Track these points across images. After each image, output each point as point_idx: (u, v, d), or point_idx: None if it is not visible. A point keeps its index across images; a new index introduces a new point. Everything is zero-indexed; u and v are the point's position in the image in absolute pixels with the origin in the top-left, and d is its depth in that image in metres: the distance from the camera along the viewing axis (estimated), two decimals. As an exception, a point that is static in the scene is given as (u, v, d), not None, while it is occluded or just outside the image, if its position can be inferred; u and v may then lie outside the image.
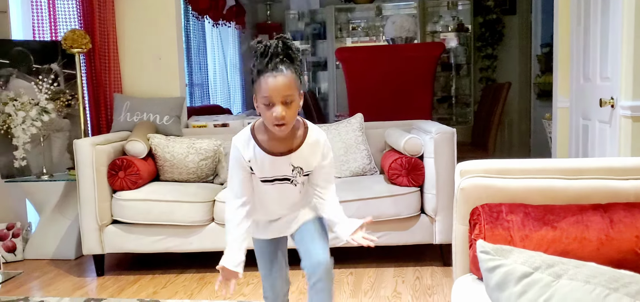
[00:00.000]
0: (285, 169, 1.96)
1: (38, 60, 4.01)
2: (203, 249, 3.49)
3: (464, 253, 1.87)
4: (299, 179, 1.99)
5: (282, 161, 1.95)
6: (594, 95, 3.28)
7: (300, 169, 1.97)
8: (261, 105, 1.85)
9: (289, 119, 1.84)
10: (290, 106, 1.83)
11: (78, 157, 3.42)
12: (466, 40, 7.43)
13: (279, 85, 1.80)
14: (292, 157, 1.95)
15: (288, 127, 1.86)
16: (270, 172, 1.96)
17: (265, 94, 1.82)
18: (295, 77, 1.84)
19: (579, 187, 1.78)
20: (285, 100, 1.82)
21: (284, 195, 2.01)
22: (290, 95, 1.82)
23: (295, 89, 1.84)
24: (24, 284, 3.47)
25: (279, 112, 1.81)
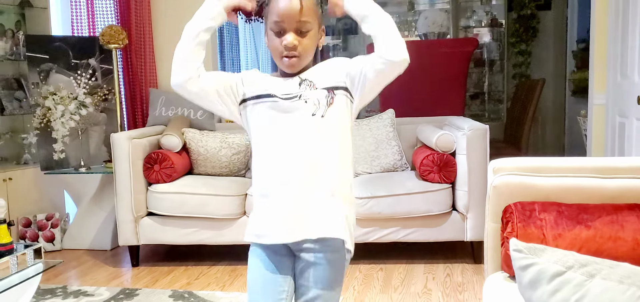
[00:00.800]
0: (291, 85, 1.51)
1: (76, 56, 4.12)
2: (235, 242, 3.54)
3: (496, 251, 1.86)
4: (311, 94, 1.48)
5: (287, 79, 1.53)
6: (631, 93, 3.23)
7: (310, 83, 1.49)
8: (270, 33, 1.50)
9: (302, 52, 1.48)
10: (304, 36, 1.48)
11: (115, 151, 3.51)
12: (499, 35, 7.34)
13: (295, 8, 1.45)
14: (300, 75, 1.52)
15: (301, 62, 1.50)
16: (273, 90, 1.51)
17: (276, 18, 1.47)
18: (314, 4, 1.49)
19: (614, 186, 1.76)
20: (301, 28, 1.47)
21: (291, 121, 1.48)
22: (307, 22, 1.47)
23: (313, 17, 1.48)
24: (62, 273, 3.58)
25: (290, 40, 1.46)
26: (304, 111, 1.48)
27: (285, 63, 1.50)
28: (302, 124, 1.48)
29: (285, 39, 1.47)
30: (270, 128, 1.51)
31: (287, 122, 1.49)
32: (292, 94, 1.49)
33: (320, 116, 1.48)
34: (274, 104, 1.50)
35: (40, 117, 3.92)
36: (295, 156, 1.48)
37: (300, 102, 1.48)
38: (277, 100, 1.50)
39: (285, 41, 1.47)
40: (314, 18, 1.49)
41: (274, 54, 1.52)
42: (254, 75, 1.59)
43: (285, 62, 1.50)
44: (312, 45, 1.51)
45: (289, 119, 1.49)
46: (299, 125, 1.48)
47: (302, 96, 1.48)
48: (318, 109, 1.48)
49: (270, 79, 1.55)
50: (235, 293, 3.12)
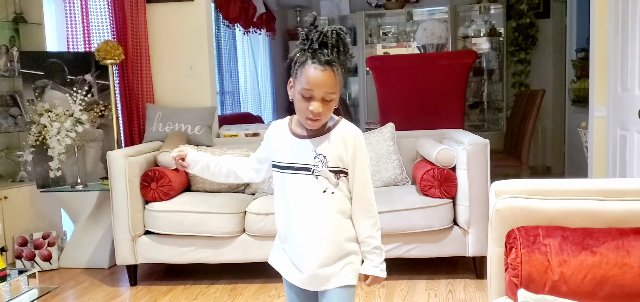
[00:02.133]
0: (306, 155, 1.72)
1: (72, 72, 4.09)
2: (234, 261, 3.50)
3: (500, 275, 1.82)
4: (322, 171, 1.70)
5: (304, 143, 1.73)
6: (632, 106, 3.19)
7: (323, 158, 1.70)
8: (298, 94, 1.68)
9: (324, 116, 1.68)
10: (328, 104, 1.67)
11: (111, 169, 3.47)
12: (498, 44, 7.32)
13: (323, 80, 1.63)
14: (315, 141, 1.72)
15: (320, 124, 1.70)
16: (291, 157, 1.74)
17: (306, 86, 1.64)
18: (342, 75, 1.68)
19: (619, 209, 1.72)
20: (326, 98, 1.65)
21: (304, 194, 1.73)
22: (332, 93, 1.66)
23: (338, 88, 1.68)
24: (59, 294, 3.53)
25: (316, 107, 1.64)
26: (315, 187, 1.72)
27: (309, 124, 1.70)
28: (314, 198, 1.72)
29: (312, 104, 1.65)
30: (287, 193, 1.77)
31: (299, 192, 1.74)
32: (305, 165, 1.72)
33: (330, 193, 1.72)
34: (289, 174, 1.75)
35: (35, 135, 3.89)
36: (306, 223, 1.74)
37: (312, 178, 1.71)
38: (292, 172, 1.74)
39: (312, 107, 1.65)
40: (337, 88, 1.68)
41: (299, 112, 1.71)
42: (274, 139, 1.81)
43: (309, 123, 1.70)
44: (332, 109, 1.71)
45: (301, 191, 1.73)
46: (310, 198, 1.72)
47: (314, 172, 1.71)
48: (328, 187, 1.72)
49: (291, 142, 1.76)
50: (234, 313, 3.08)
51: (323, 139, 1.72)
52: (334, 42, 1.64)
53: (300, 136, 1.74)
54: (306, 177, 1.72)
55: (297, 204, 1.74)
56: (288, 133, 1.77)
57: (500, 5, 7.18)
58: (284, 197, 1.78)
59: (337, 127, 1.74)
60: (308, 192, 1.72)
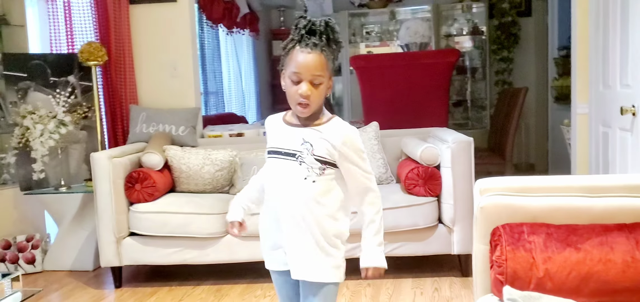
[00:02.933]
0: (294, 141, 1.76)
1: (55, 73, 4.04)
2: (220, 261, 3.49)
3: (485, 273, 1.84)
4: (307, 159, 1.74)
5: (294, 131, 1.78)
6: (614, 103, 3.23)
7: (309, 145, 1.74)
8: (288, 80, 1.74)
9: (313, 101, 1.72)
10: (317, 88, 1.72)
11: (95, 171, 3.44)
12: (481, 43, 7.37)
13: (311, 62, 1.69)
14: (304, 130, 1.77)
15: (311, 109, 1.74)
16: (280, 143, 1.79)
17: (294, 69, 1.70)
18: (328, 61, 1.73)
19: (603, 206, 1.75)
20: (314, 81, 1.71)
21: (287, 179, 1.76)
22: (319, 75, 1.71)
23: (326, 72, 1.73)
24: (43, 297, 3.49)
25: (304, 90, 1.70)
26: (297, 173, 1.75)
27: (298, 110, 1.74)
28: (295, 183, 1.75)
29: (300, 87, 1.71)
30: (272, 177, 1.81)
31: (283, 177, 1.77)
32: (291, 150, 1.76)
33: (311, 181, 1.74)
34: (277, 159, 1.79)
35: (18, 137, 3.84)
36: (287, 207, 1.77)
37: (296, 163, 1.75)
38: (280, 157, 1.78)
39: (300, 90, 1.71)
40: (325, 72, 1.73)
41: (289, 98, 1.75)
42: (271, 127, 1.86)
43: (299, 109, 1.74)
44: (322, 95, 1.75)
45: (284, 176, 1.77)
46: (291, 184, 1.76)
47: (299, 157, 1.75)
48: (309, 175, 1.74)
49: (280, 129, 1.81)
50: (221, 314, 3.07)
51: (313, 129, 1.77)
52: (322, 29, 1.71)
53: (292, 125, 1.80)
54: (291, 162, 1.76)
55: (280, 188, 1.78)
56: (281, 123, 1.83)
57: (483, 4, 7.23)
58: (269, 181, 1.83)
59: (329, 123, 1.78)
60: (291, 177, 1.76)
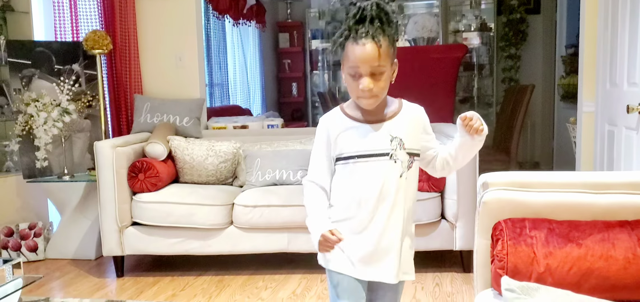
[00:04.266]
0: (382, 141, 1.65)
1: (60, 61, 4.04)
2: (222, 252, 3.49)
3: (486, 267, 1.83)
4: (400, 156, 1.65)
5: (377, 129, 1.66)
6: (620, 101, 3.21)
7: (400, 141, 1.65)
8: (347, 75, 1.64)
9: (377, 92, 1.61)
10: (379, 78, 1.60)
11: (98, 160, 3.44)
12: (489, 39, 7.33)
13: (368, 55, 1.58)
14: (388, 125, 1.66)
15: (376, 101, 1.64)
16: (365, 145, 1.66)
17: (351, 64, 1.61)
18: (388, 46, 1.60)
19: (605, 202, 1.73)
20: (374, 72, 1.60)
21: (384, 180, 1.64)
22: (380, 66, 1.59)
23: (387, 59, 1.61)
24: (45, 284, 3.50)
25: (365, 84, 1.59)
26: (394, 171, 1.65)
27: (363, 103, 1.65)
28: (391, 182, 1.65)
29: (361, 83, 1.60)
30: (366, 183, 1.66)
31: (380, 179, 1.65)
32: (383, 151, 1.65)
33: (405, 178, 1.67)
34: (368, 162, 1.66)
35: (22, 124, 3.84)
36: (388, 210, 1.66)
37: (390, 162, 1.65)
38: (367, 160, 1.65)
39: (361, 85, 1.60)
40: (386, 60, 1.61)
41: (351, 93, 1.67)
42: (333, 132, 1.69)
43: (363, 102, 1.64)
44: (386, 85, 1.64)
45: (382, 178, 1.65)
46: (390, 185, 1.65)
47: (393, 156, 1.65)
48: (404, 171, 1.67)
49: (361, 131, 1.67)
50: (222, 305, 3.07)
51: (395, 121, 1.67)
52: (374, 14, 1.60)
53: (371, 122, 1.67)
54: (385, 162, 1.65)
55: (374, 192, 1.64)
56: (351, 122, 1.69)
57: (491, 1, 7.18)
58: (354, 188, 1.67)
59: (404, 108, 1.71)
60: (386, 177, 1.64)
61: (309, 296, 3.18)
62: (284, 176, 3.63)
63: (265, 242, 3.45)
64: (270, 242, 3.45)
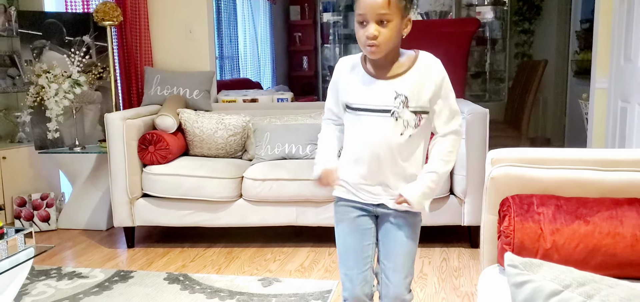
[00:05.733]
0: (386, 97, 1.65)
1: (70, 33, 4.05)
2: (231, 225, 3.51)
3: (493, 243, 1.83)
4: (403, 114, 1.64)
5: (383, 85, 1.66)
6: (634, 77, 3.17)
7: (405, 99, 1.64)
8: (357, 24, 1.65)
9: (382, 41, 1.60)
10: (386, 26, 1.59)
11: (109, 131, 3.46)
12: (502, 14, 7.24)
13: (375, 2, 1.58)
14: (395, 83, 1.65)
15: (381, 51, 1.63)
16: (368, 99, 1.67)
17: (359, 11, 1.61)
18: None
19: (614, 179, 1.71)
20: (381, 19, 1.59)
21: (382, 137, 1.67)
22: (386, 14, 1.58)
23: (396, 10, 1.59)
24: (57, 254, 3.55)
25: (371, 31, 1.59)
26: (394, 129, 1.66)
27: (368, 51, 1.64)
28: (391, 138, 1.66)
29: (367, 29, 1.61)
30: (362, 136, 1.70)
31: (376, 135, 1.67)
32: (386, 107, 1.65)
33: (408, 136, 1.67)
34: (367, 116, 1.68)
35: (33, 96, 3.87)
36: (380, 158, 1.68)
37: (391, 120, 1.66)
38: (372, 114, 1.67)
39: (367, 32, 1.61)
40: (394, 10, 1.60)
41: (359, 42, 1.66)
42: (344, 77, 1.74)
43: (368, 50, 1.63)
44: (392, 35, 1.62)
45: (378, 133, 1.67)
46: (387, 139, 1.67)
47: (394, 113, 1.65)
48: (406, 130, 1.66)
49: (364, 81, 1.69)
50: (231, 276, 3.10)
51: (403, 79, 1.66)
52: None
53: (379, 77, 1.68)
54: (385, 118, 1.66)
55: (375, 146, 1.68)
56: (362, 72, 1.71)
57: (505, -26, 7.08)
58: (358, 140, 1.71)
59: (417, 64, 1.67)
60: (387, 134, 1.66)
61: (317, 268, 3.20)
62: (293, 150, 3.64)
63: (273, 216, 3.47)
64: (278, 216, 3.46)
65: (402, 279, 1.77)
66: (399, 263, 1.77)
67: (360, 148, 1.71)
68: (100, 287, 2.98)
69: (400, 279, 1.77)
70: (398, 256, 1.77)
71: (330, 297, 2.80)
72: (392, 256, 1.78)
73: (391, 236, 1.77)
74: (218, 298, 2.81)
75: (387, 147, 1.67)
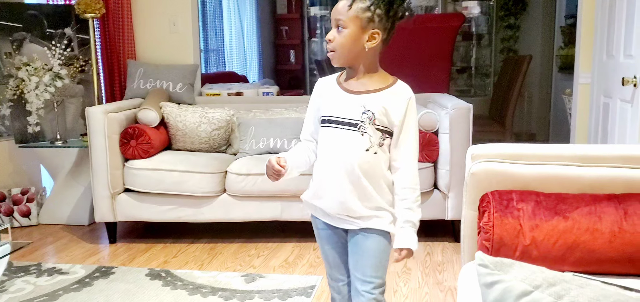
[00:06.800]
0: (353, 111, 1.67)
1: (51, 25, 3.99)
2: (214, 220, 3.49)
3: (473, 239, 1.82)
4: (369, 129, 1.65)
5: (353, 98, 1.68)
6: (616, 73, 3.18)
7: (372, 115, 1.65)
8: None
9: (337, 46, 1.64)
10: (340, 33, 1.63)
11: (90, 125, 3.42)
12: (489, 9, 7.25)
13: (338, 7, 1.65)
14: (365, 98, 1.67)
15: (336, 57, 1.66)
16: (339, 111, 1.69)
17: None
18: (362, 10, 1.61)
19: (593, 175, 1.72)
20: (338, 25, 1.64)
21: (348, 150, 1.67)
22: (341, 20, 1.62)
23: (353, 17, 1.61)
24: (38, 250, 3.51)
25: (328, 35, 1.66)
26: (359, 144, 1.66)
27: (328, 55, 1.70)
28: (356, 154, 1.66)
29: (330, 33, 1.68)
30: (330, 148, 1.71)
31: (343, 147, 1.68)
32: (353, 120, 1.66)
33: (373, 153, 1.67)
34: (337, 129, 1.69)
35: (13, 89, 3.81)
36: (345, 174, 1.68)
37: (358, 134, 1.66)
38: (339, 127, 1.68)
39: (328, 35, 1.68)
40: (352, 19, 1.62)
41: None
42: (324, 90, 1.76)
43: (328, 55, 1.70)
44: (346, 44, 1.64)
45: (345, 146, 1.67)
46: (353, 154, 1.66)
47: (361, 128, 1.66)
48: (371, 147, 1.67)
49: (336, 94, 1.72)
50: (214, 272, 3.08)
51: (374, 96, 1.67)
52: None
53: (351, 92, 1.70)
54: (352, 132, 1.67)
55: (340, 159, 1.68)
56: (337, 87, 1.73)
57: (491, -31, 7.09)
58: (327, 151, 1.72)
59: (391, 88, 1.69)
60: (352, 147, 1.67)
61: (301, 263, 3.19)
62: (279, 144, 3.62)
63: (258, 211, 3.45)
64: (263, 211, 3.45)
65: (371, 289, 1.73)
66: (368, 274, 1.72)
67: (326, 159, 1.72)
68: (80, 284, 2.95)
69: (369, 289, 1.72)
70: (366, 267, 1.72)
71: (314, 292, 2.79)
72: (360, 267, 1.74)
73: (359, 247, 1.74)
74: (200, 294, 2.79)
75: (350, 162, 1.66)
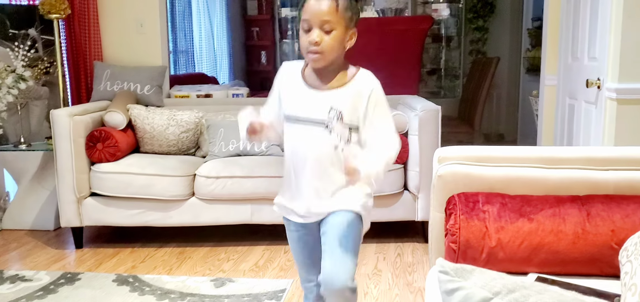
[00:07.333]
0: (320, 110, 1.66)
1: (14, 26, 3.90)
2: (183, 224, 3.45)
3: (440, 241, 1.83)
4: (336, 127, 1.65)
5: (319, 96, 1.67)
6: (581, 75, 3.24)
7: (339, 114, 1.64)
8: (301, 31, 1.65)
9: (325, 49, 1.61)
10: (329, 34, 1.61)
11: (55, 128, 3.35)
12: (458, 11, 7.33)
13: (322, 8, 1.59)
14: (331, 96, 1.66)
15: (324, 59, 1.63)
16: (304, 109, 1.68)
17: (305, 16, 1.62)
18: (345, 9, 1.61)
19: (558, 177, 1.74)
20: (324, 27, 1.60)
21: (316, 148, 1.67)
22: (330, 22, 1.59)
23: (340, 17, 1.60)
24: (1, 256, 3.42)
25: (314, 37, 1.60)
26: (327, 141, 1.67)
27: (310, 58, 1.64)
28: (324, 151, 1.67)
29: (310, 35, 1.61)
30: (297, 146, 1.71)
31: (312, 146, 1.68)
32: (319, 120, 1.66)
33: (340, 150, 1.66)
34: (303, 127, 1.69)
35: (-25, 91, 3.71)
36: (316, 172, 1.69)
37: (325, 132, 1.66)
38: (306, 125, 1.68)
39: (310, 37, 1.61)
40: (339, 19, 1.61)
41: (302, 49, 1.66)
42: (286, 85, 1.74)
43: (310, 57, 1.64)
44: (335, 45, 1.63)
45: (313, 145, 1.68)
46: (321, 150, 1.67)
47: (328, 126, 1.66)
48: (339, 143, 1.67)
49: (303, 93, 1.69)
50: (183, 277, 3.04)
51: (339, 92, 1.66)
52: None
53: (316, 88, 1.68)
54: (319, 130, 1.66)
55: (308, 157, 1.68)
56: (301, 82, 1.71)
57: (460, -28, 7.17)
58: (289, 150, 1.73)
59: (355, 80, 1.67)
60: (319, 146, 1.67)
61: (272, 267, 3.17)
62: (248, 147, 3.60)
63: (227, 214, 3.42)
64: (233, 214, 3.42)
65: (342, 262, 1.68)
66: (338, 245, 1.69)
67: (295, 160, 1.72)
68: (44, 291, 2.88)
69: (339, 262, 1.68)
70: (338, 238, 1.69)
71: (284, 296, 2.77)
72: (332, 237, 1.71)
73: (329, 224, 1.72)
74: (168, 300, 2.75)
75: (320, 159, 1.67)
